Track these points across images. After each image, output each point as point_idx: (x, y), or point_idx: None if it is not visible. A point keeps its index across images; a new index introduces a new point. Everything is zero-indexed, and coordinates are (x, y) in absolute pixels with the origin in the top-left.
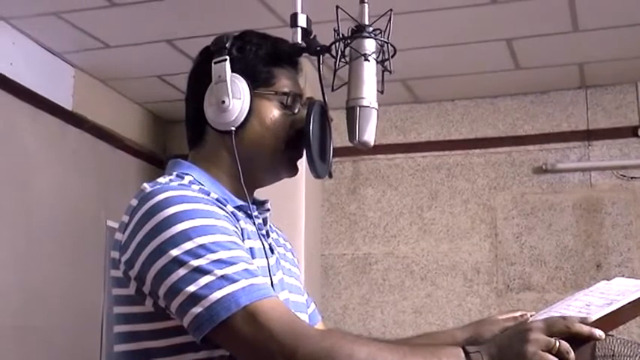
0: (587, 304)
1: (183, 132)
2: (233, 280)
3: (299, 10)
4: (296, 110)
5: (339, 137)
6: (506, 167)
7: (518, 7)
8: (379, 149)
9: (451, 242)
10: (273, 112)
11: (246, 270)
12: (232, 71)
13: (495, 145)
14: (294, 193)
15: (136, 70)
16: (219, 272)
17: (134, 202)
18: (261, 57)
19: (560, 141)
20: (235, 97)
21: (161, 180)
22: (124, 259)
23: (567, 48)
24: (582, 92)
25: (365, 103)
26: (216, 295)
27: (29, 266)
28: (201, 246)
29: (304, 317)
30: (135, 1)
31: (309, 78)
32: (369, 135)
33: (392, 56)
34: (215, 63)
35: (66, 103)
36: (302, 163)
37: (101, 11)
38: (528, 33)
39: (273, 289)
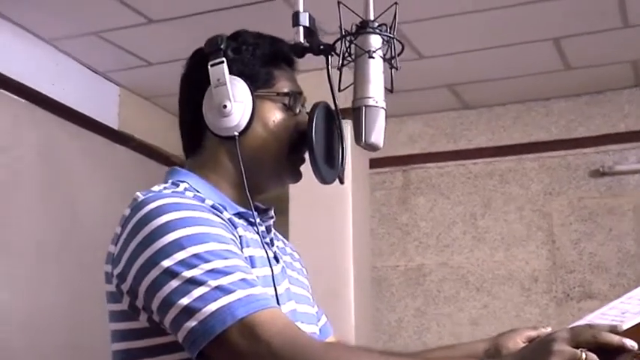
0: (623, 312)
1: None
2: (229, 291)
3: (301, 8)
4: (297, 111)
5: (387, 146)
6: (562, 171)
7: (564, 4)
8: (429, 157)
9: (507, 251)
10: (275, 114)
11: (243, 280)
12: (230, 73)
13: (549, 149)
14: (340, 206)
15: (178, 87)
16: (213, 283)
17: (127, 211)
18: (259, 57)
19: (618, 142)
20: (237, 100)
21: (155, 188)
22: (116, 272)
23: (619, 45)
24: (639, 91)
25: (371, 102)
26: (211, 307)
27: (76, 287)
28: (195, 255)
29: (314, 329)
30: (172, 17)
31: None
32: (377, 136)
33: (399, 54)
34: (212, 66)
35: (112, 122)
36: (347, 175)
37: (140, 29)
38: (576, 31)
39: (278, 300)
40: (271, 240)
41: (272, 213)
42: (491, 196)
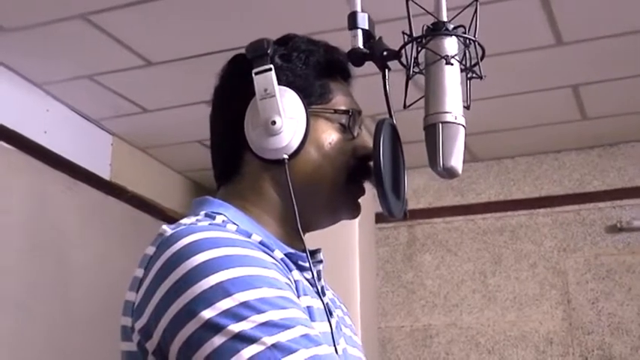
0: None
1: None
2: (289, 351)
3: (358, 8)
4: (356, 133)
5: None
6: (576, 227)
7: (586, 49)
8: (436, 212)
9: (519, 311)
10: (332, 135)
11: (305, 336)
12: (278, 84)
13: (562, 204)
14: (348, 262)
15: (174, 136)
16: (269, 340)
17: (150, 250)
18: (313, 67)
19: (635, 196)
20: (287, 116)
21: (184, 221)
22: (138, 326)
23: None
24: None
25: (449, 118)
26: None
27: (66, 344)
28: (244, 304)
29: None
30: (172, 59)
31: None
32: (456, 159)
33: (481, 58)
34: (257, 74)
35: (104, 172)
36: (354, 231)
37: (137, 72)
38: (597, 78)
39: None
40: (322, 288)
41: (321, 256)
42: (502, 253)
